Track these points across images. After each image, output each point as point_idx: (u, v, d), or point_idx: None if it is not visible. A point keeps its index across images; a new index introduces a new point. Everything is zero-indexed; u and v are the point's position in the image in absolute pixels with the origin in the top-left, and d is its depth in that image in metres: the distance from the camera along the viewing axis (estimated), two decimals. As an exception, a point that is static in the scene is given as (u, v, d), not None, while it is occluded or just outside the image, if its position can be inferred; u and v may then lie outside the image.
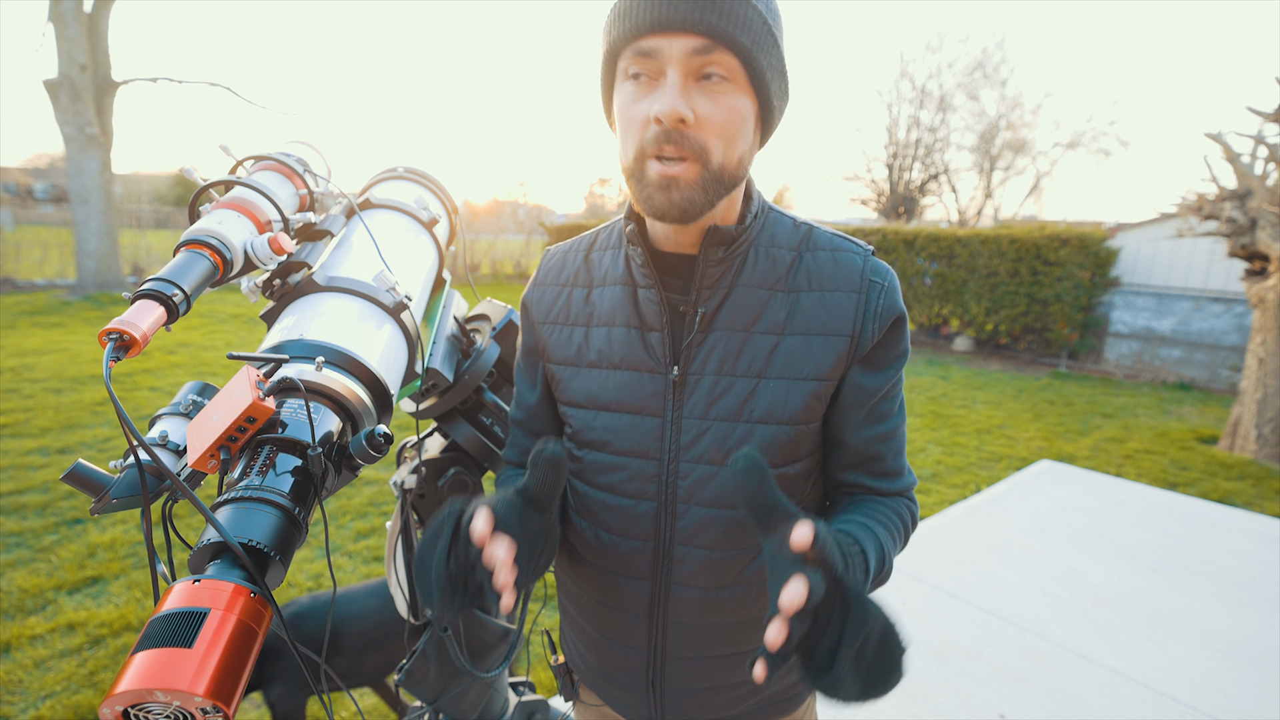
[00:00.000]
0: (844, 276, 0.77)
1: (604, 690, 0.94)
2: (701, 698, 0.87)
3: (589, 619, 0.91)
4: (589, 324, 0.85)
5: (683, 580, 0.81)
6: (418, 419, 1.01)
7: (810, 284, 0.78)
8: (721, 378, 0.77)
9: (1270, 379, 5.22)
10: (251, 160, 0.88)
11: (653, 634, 0.84)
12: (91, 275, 10.24)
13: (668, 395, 0.79)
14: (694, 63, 0.65)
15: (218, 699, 0.46)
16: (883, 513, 0.78)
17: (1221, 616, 2.89)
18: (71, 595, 2.69)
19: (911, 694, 2.31)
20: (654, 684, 0.86)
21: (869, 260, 0.79)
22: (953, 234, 9.47)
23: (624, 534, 0.82)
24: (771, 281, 0.78)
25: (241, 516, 0.57)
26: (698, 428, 0.77)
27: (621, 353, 0.81)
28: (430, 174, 1.19)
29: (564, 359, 0.86)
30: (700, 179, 0.68)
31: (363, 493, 3.78)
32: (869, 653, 0.54)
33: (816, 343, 0.76)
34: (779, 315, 0.77)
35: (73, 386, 5.54)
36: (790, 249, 0.80)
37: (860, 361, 0.77)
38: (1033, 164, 21.23)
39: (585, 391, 0.84)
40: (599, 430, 0.82)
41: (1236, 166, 5.46)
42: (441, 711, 1.15)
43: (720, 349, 0.77)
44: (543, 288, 0.91)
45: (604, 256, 0.87)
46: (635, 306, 0.81)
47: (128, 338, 0.58)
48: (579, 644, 0.96)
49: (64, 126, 9.79)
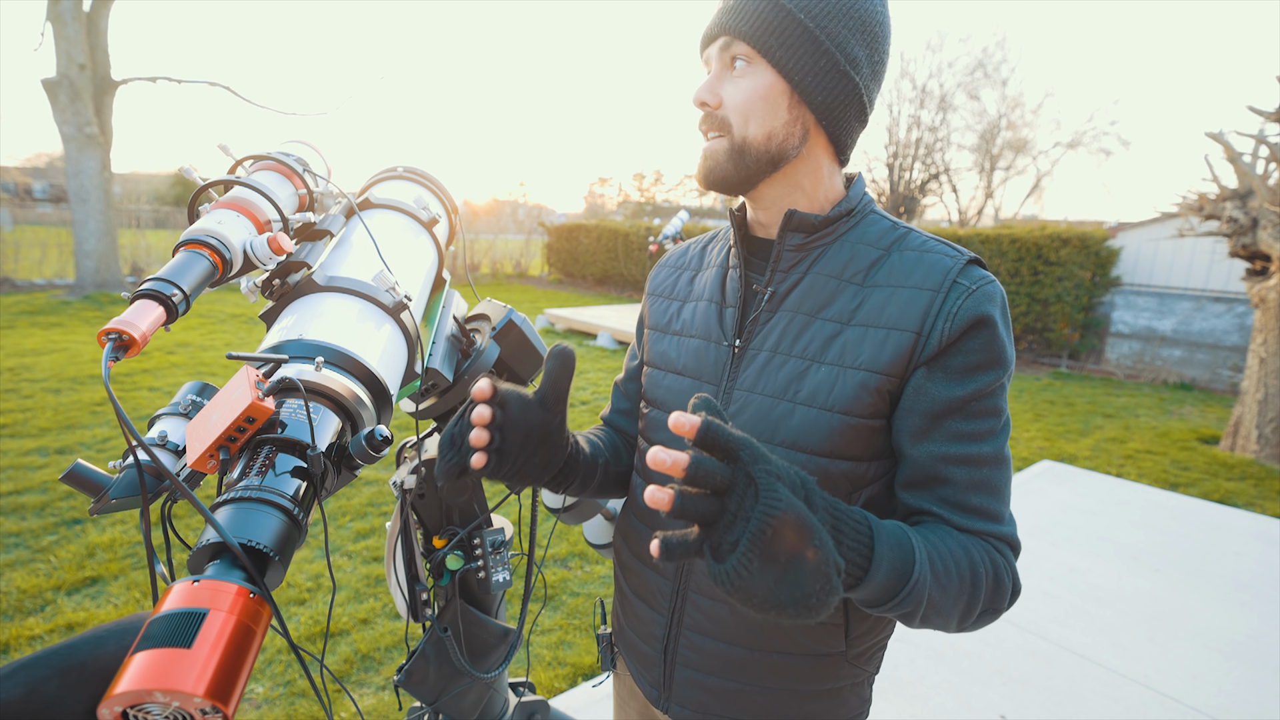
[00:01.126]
0: (924, 275, 0.75)
1: (628, 653, 0.98)
2: (710, 691, 0.87)
3: (627, 576, 0.97)
4: (685, 299, 0.95)
5: None
6: (417, 419, 1.01)
7: (887, 280, 0.77)
8: (776, 355, 0.79)
9: (1271, 379, 5.22)
10: (250, 160, 0.88)
11: (674, 599, 0.88)
12: (90, 275, 10.24)
13: (726, 366, 0.84)
14: (724, 56, 0.78)
15: (217, 699, 0.46)
16: (943, 534, 0.69)
17: (1222, 617, 2.89)
18: (70, 596, 2.69)
19: (912, 694, 2.31)
20: (667, 653, 0.89)
21: (964, 266, 0.75)
22: (953, 234, 9.47)
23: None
24: (849, 274, 0.79)
25: (241, 517, 0.57)
26: (743, 400, 0.80)
27: (701, 324, 0.89)
28: (430, 173, 1.18)
29: (656, 325, 0.96)
30: (729, 151, 0.78)
31: (362, 493, 3.77)
32: (781, 550, 0.49)
33: (876, 335, 0.74)
34: (849, 306, 0.77)
35: (72, 386, 5.54)
36: (879, 248, 0.80)
37: (927, 363, 0.73)
38: (1033, 164, 21.24)
39: (661, 353, 0.93)
40: (663, 390, 0.90)
41: (1238, 166, 5.45)
42: (441, 712, 1.15)
43: (781, 329, 0.80)
44: (663, 268, 1.03)
45: (717, 247, 0.96)
46: (723, 285, 0.89)
47: (127, 338, 0.58)
48: (620, 605, 1.01)
49: (63, 126, 9.78)
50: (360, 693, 2.23)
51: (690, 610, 0.86)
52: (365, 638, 2.49)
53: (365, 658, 2.39)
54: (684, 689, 0.88)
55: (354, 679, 2.30)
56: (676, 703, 0.89)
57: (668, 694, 0.90)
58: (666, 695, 0.90)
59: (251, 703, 2.14)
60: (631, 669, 0.97)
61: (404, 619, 1.13)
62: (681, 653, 0.88)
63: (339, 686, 2.19)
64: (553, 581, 2.99)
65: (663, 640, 0.89)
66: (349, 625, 2.56)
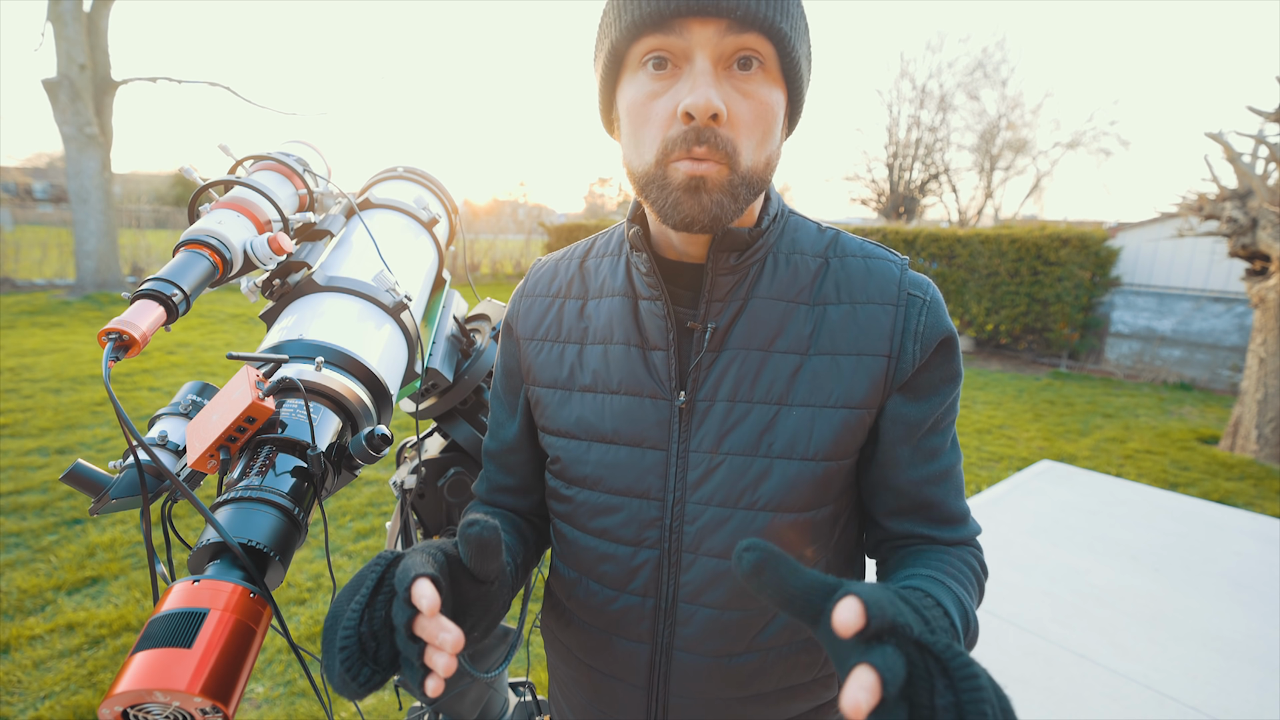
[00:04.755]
0: (878, 287, 0.67)
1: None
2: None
3: (580, 685, 0.79)
4: (583, 341, 0.74)
5: (687, 645, 0.69)
6: (417, 419, 1.01)
7: (839, 295, 0.68)
8: (736, 404, 0.67)
9: (1271, 379, 5.22)
10: (251, 160, 0.88)
11: (651, 708, 0.72)
12: (91, 275, 10.24)
13: (672, 425, 0.68)
14: (726, 45, 0.57)
15: (217, 699, 0.46)
16: (950, 563, 0.65)
17: (1222, 617, 2.89)
18: (71, 595, 2.69)
19: (912, 694, 2.31)
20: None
21: (906, 271, 0.69)
22: (953, 234, 9.47)
23: (619, 588, 0.71)
24: (794, 293, 0.68)
25: (241, 517, 0.57)
26: (708, 463, 0.67)
27: (620, 375, 0.71)
28: (430, 174, 1.18)
29: (552, 381, 0.75)
30: (729, 183, 0.59)
31: (362, 493, 3.77)
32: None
33: (847, 364, 0.66)
34: (803, 331, 0.67)
35: (72, 386, 5.54)
36: (815, 255, 0.70)
37: (901, 389, 0.67)
38: (1033, 164, 21.25)
39: (576, 419, 0.73)
40: (592, 465, 0.71)
41: (1237, 166, 5.45)
42: (441, 712, 1.15)
43: (735, 371, 0.67)
44: (530, 299, 0.80)
45: (601, 264, 0.77)
46: (636, 321, 0.71)
47: (127, 338, 0.58)
48: (569, 710, 0.84)
49: (63, 126, 9.78)
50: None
51: (674, 717, 0.72)
52: (365, 638, 2.49)
53: (365, 658, 2.39)
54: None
55: (354, 679, 2.30)
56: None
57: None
58: None
59: (251, 703, 2.14)
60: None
61: (404, 619, 1.13)
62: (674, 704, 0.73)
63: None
64: (553, 581, 2.98)
65: (647, 708, 0.74)
66: (349, 625, 2.56)
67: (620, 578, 0.71)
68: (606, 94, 0.67)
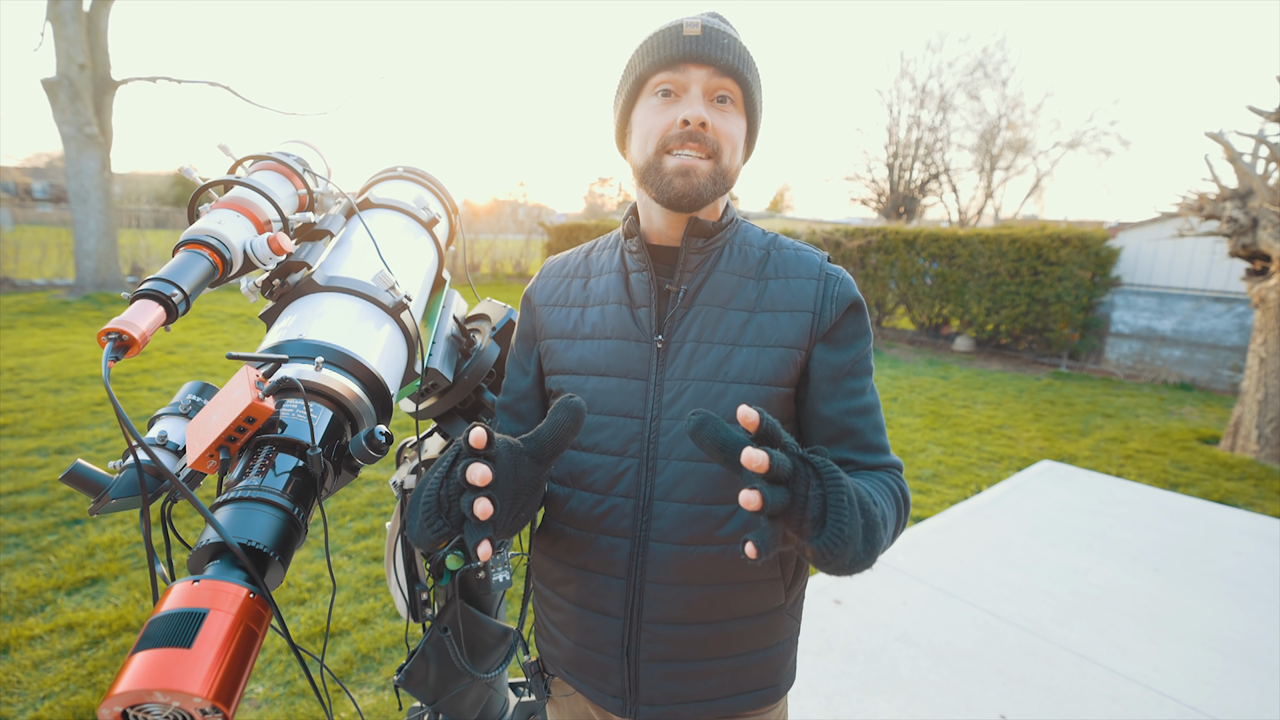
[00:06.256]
0: (805, 267, 0.92)
1: (579, 672, 0.95)
2: (677, 679, 0.88)
3: (566, 591, 0.95)
4: (584, 305, 0.97)
5: (661, 536, 0.87)
6: (417, 419, 1.01)
7: (777, 273, 0.92)
8: (700, 344, 0.88)
9: (1271, 379, 5.22)
10: (250, 160, 0.88)
11: (630, 596, 0.88)
12: (90, 275, 10.24)
13: (652, 361, 0.89)
14: (711, 84, 0.85)
15: (217, 699, 0.46)
16: (871, 479, 0.84)
17: (1222, 617, 2.89)
18: (70, 596, 2.69)
19: (912, 694, 2.31)
20: (629, 653, 0.89)
21: (825, 260, 0.94)
22: (953, 234, 9.47)
23: (605, 491, 0.89)
24: (744, 270, 0.92)
25: (241, 517, 0.57)
26: (678, 388, 0.87)
27: (613, 325, 0.92)
28: (430, 174, 1.18)
29: (559, 333, 0.97)
30: (712, 172, 0.85)
31: (362, 493, 3.77)
32: (857, 505, 0.62)
33: (783, 318, 0.89)
34: (751, 296, 0.90)
35: (71, 387, 5.54)
36: (760, 247, 0.95)
37: (823, 339, 0.89)
38: (1033, 164, 21.24)
39: (578, 358, 0.93)
40: (589, 393, 0.91)
41: (1238, 166, 5.45)
42: (441, 712, 1.15)
43: (699, 321, 0.89)
44: (545, 279, 1.04)
45: (602, 254, 1.01)
46: (627, 288, 0.94)
47: (126, 338, 0.58)
48: (552, 628, 0.99)
49: (63, 126, 9.78)
50: (360, 693, 2.23)
51: (650, 603, 0.88)
52: (365, 638, 2.49)
53: (365, 658, 2.39)
54: (652, 684, 0.89)
55: (354, 679, 2.30)
56: (645, 702, 0.90)
57: (634, 696, 0.90)
58: (633, 698, 0.90)
59: (251, 703, 2.14)
60: (584, 687, 0.95)
61: (404, 619, 1.13)
62: (645, 648, 0.88)
63: (339, 686, 2.19)
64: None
65: (622, 643, 0.89)
66: (349, 625, 2.56)
67: (607, 482, 0.89)
68: (624, 115, 0.93)
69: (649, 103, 0.87)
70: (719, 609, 0.88)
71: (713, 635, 0.89)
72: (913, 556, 3.31)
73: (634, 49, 0.91)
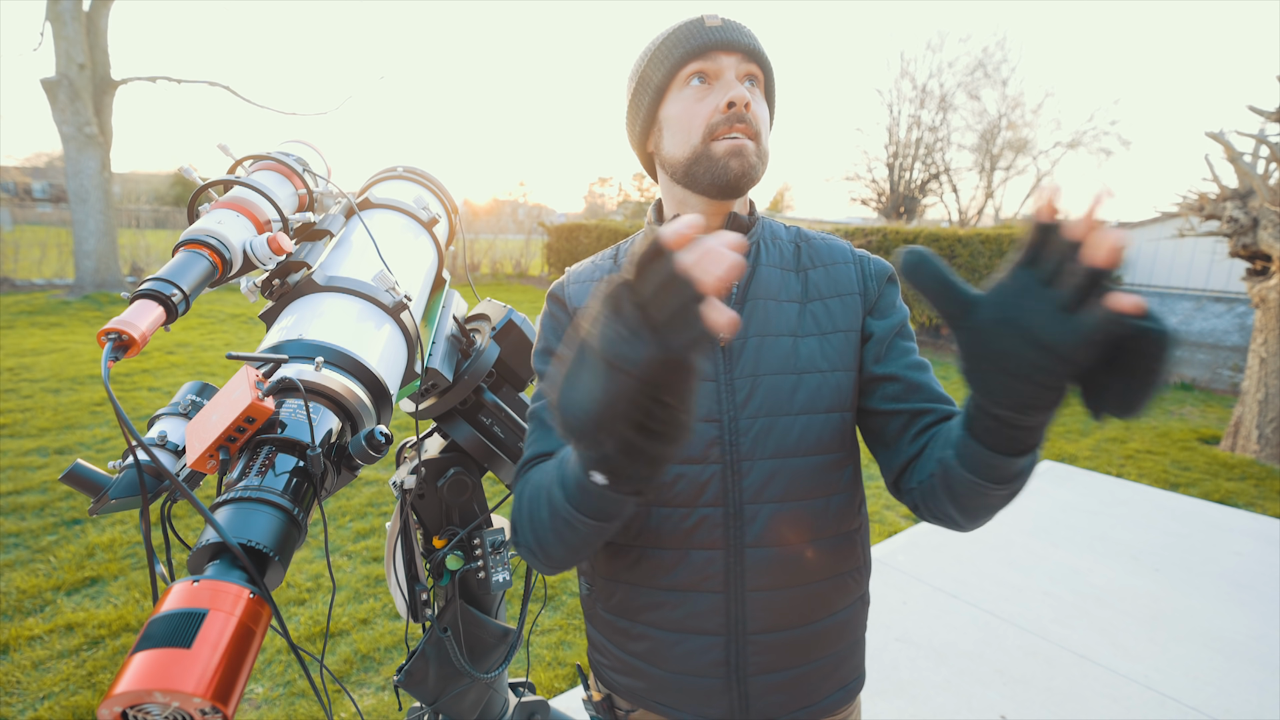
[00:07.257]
0: (839, 254, 0.94)
1: (676, 701, 0.88)
2: (786, 688, 0.86)
3: (653, 618, 0.87)
4: None
5: (757, 541, 0.83)
6: (417, 419, 1.01)
7: (814, 262, 0.93)
8: (765, 339, 0.86)
9: (1272, 379, 5.22)
10: (250, 160, 0.88)
11: (731, 609, 0.83)
12: (90, 275, 10.23)
13: (717, 361, 0.85)
14: (741, 70, 0.85)
15: (217, 700, 0.46)
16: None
17: (1223, 617, 2.88)
18: (70, 596, 2.69)
19: (913, 695, 2.31)
20: (735, 671, 0.84)
21: (851, 244, 0.97)
22: (954, 234, 9.47)
23: (691, 504, 0.83)
24: (783, 263, 0.92)
25: (240, 517, 0.57)
26: (750, 385, 0.84)
27: None
28: (430, 173, 1.18)
29: None
30: (758, 153, 0.85)
31: (362, 493, 3.77)
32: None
33: (834, 304, 0.89)
34: (796, 288, 0.90)
35: (71, 387, 5.54)
36: (790, 241, 0.96)
37: (870, 313, 0.91)
38: (1034, 163, 21.26)
39: None
40: None
41: (1238, 166, 5.45)
42: (441, 712, 1.15)
43: (758, 316, 0.87)
44: (579, 284, 0.96)
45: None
46: None
47: (126, 338, 0.58)
48: (633, 660, 0.91)
49: (62, 126, 9.77)
50: (360, 693, 2.23)
51: (753, 614, 0.83)
52: (365, 638, 2.48)
53: (365, 658, 2.39)
54: (762, 698, 0.85)
55: (354, 679, 2.30)
56: (758, 716, 0.86)
57: (745, 716, 0.86)
58: (745, 716, 0.86)
59: (251, 703, 2.14)
60: (683, 716, 0.88)
61: (404, 619, 1.13)
62: (752, 661, 0.84)
63: (339, 687, 2.19)
64: (553, 581, 2.99)
65: (727, 661, 0.84)
66: (349, 625, 2.56)
67: (692, 494, 0.84)
68: (651, 112, 0.89)
69: (683, 94, 0.86)
70: (819, 608, 0.86)
71: (813, 636, 0.86)
72: (913, 556, 3.31)
73: (647, 52, 0.89)
